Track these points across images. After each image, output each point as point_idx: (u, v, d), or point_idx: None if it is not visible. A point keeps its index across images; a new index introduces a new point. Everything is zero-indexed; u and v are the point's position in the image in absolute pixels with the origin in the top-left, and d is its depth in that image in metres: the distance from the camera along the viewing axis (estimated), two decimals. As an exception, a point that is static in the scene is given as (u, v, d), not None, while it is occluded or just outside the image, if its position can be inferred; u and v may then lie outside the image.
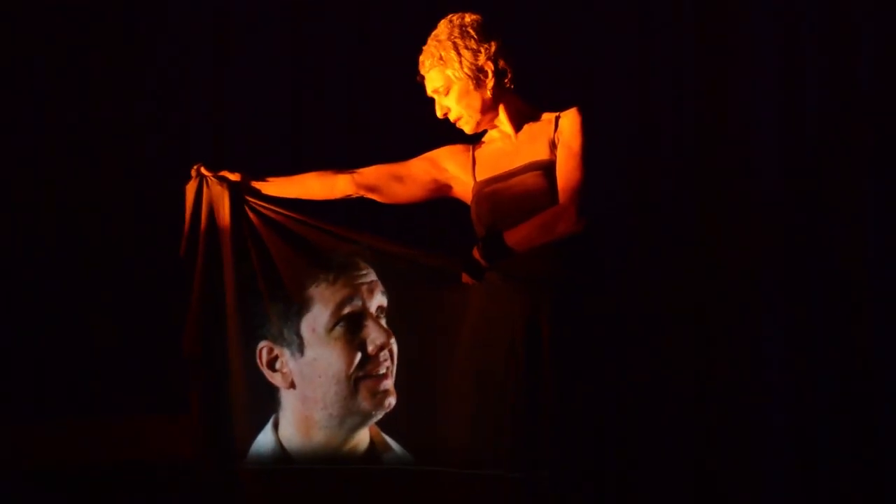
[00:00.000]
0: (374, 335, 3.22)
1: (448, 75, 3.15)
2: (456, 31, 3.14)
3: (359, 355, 3.20)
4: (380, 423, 3.22)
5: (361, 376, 3.21)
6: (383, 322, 3.22)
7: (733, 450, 4.04)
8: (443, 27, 3.17)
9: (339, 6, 4.33)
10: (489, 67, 3.14)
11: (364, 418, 3.22)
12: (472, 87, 3.15)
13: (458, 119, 3.21)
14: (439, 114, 3.22)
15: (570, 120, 3.12)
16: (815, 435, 4.04)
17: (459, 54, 3.13)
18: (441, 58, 3.14)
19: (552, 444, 3.01)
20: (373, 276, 3.24)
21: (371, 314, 3.23)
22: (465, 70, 3.13)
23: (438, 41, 3.16)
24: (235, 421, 3.27)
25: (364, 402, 3.21)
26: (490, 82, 3.15)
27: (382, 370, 3.21)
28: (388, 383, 3.21)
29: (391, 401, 3.20)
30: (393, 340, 3.21)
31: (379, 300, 3.23)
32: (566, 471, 3.01)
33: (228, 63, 4.32)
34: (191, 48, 4.32)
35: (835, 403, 4.03)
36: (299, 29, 4.33)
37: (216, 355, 3.28)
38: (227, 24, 4.33)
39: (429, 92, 3.21)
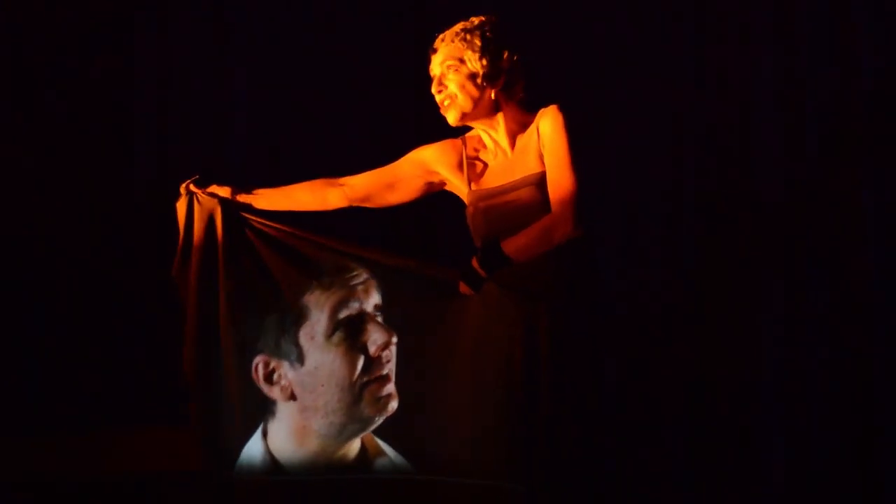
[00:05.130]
0: (375, 336, 3.17)
1: (465, 56, 3.12)
2: (488, 27, 3.14)
3: (362, 359, 3.16)
4: (377, 428, 3.17)
5: (366, 382, 3.16)
6: (381, 319, 3.19)
7: (732, 459, 4.02)
8: (476, 20, 3.16)
9: (328, 17, 4.33)
10: (504, 71, 3.12)
11: (365, 424, 3.17)
12: (479, 78, 3.11)
13: (449, 99, 3.15)
14: (434, 89, 3.16)
15: (549, 122, 3.07)
16: (815, 444, 4.02)
17: (483, 45, 3.11)
18: (466, 39, 3.12)
19: (549, 456, 2.97)
20: (366, 276, 3.21)
21: (370, 315, 3.19)
22: (483, 60, 3.11)
23: (470, 26, 3.14)
24: (233, 431, 3.24)
25: (367, 409, 3.16)
26: (499, 84, 3.13)
27: (385, 371, 3.15)
28: (391, 387, 3.16)
29: (394, 405, 3.15)
30: (395, 338, 3.16)
31: (375, 299, 3.19)
32: (563, 483, 2.97)
33: (220, 80, 4.33)
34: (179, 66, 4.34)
35: (833, 404, 4.01)
36: (287, 40, 4.34)
37: (214, 368, 3.25)
38: (217, 35, 4.35)
39: (436, 63, 3.16)
